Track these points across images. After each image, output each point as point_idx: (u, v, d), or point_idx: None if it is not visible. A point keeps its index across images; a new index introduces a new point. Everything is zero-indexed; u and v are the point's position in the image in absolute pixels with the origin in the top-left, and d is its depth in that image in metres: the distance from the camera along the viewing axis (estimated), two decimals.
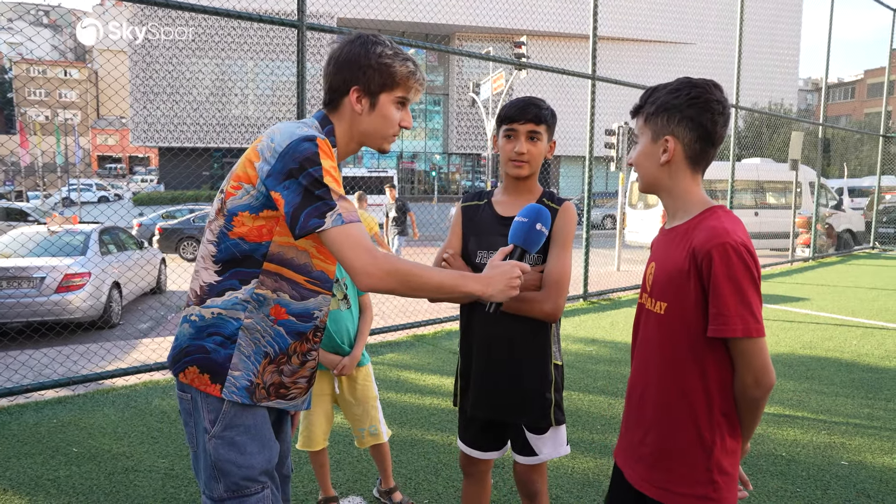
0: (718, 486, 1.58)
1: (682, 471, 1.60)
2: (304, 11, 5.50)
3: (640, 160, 1.72)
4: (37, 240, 8.74)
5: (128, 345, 6.95)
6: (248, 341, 1.74)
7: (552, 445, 2.28)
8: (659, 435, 1.65)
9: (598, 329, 7.28)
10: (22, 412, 4.55)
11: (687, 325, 1.59)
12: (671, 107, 1.64)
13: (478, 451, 2.38)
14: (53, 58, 70.43)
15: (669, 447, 1.62)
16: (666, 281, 1.66)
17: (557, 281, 2.14)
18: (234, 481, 1.73)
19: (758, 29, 37.33)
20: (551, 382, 2.25)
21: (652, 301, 1.71)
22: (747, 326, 1.49)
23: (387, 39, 1.84)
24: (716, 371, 1.58)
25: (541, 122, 2.19)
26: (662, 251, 1.72)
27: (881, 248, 17.13)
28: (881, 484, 3.51)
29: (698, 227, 1.60)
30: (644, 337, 1.76)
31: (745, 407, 1.59)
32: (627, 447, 1.76)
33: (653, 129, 1.68)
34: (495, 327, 2.21)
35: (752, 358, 1.52)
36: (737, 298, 1.49)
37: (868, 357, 6.11)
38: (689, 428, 1.60)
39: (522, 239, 1.90)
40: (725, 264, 1.49)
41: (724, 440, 1.59)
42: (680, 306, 1.60)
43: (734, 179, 11.92)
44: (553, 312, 2.14)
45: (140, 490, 3.38)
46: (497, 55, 10.33)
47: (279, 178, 1.64)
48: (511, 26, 33.48)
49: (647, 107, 1.70)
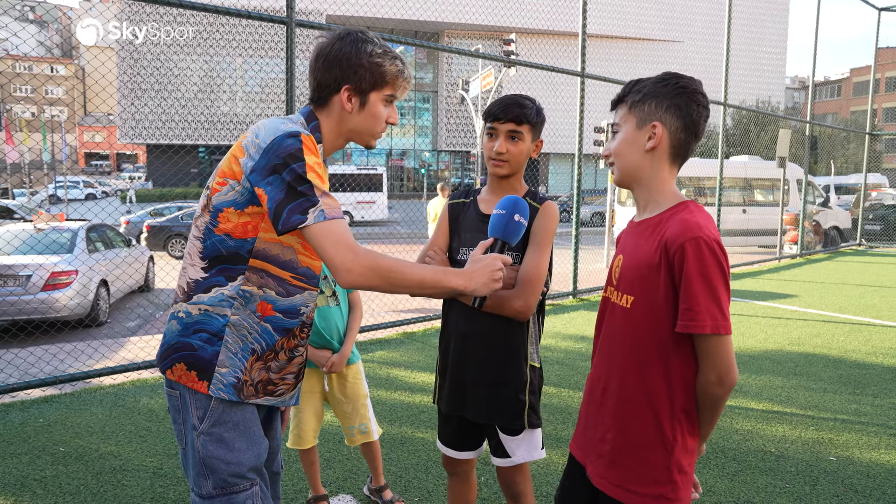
0: (676, 486, 1.57)
1: (641, 469, 1.59)
2: (294, 8, 5.47)
3: (622, 148, 1.69)
4: (23, 237, 8.65)
5: (115, 343, 6.90)
6: (234, 338, 1.73)
7: (526, 448, 2.25)
8: (619, 432, 1.63)
9: (587, 326, 7.29)
10: (8, 411, 4.51)
11: (653, 319, 1.57)
12: (660, 94, 1.64)
13: (454, 450, 2.36)
14: (39, 54, 69.73)
15: (630, 444, 1.61)
16: (634, 274, 1.64)
17: (530, 280, 2.11)
18: (223, 478, 1.72)
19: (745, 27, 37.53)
20: (526, 384, 2.21)
21: (618, 294, 1.69)
22: (716, 323, 1.48)
23: (374, 36, 1.83)
24: (679, 368, 1.56)
25: (522, 121, 2.16)
26: (631, 244, 1.71)
27: (868, 244, 17.27)
28: (868, 479, 3.54)
29: (670, 219, 1.58)
30: (608, 331, 1.74)
31: (706, 404, 1.57)
32: (587, 444, 1.74)
33: (638, 116, 1.66)
34: (470, 324, 2.20)
35: (717, 356, 1.50)
36: (707, 294, 1.47)
37: (855, 353, 6.15)
38: (650, 425, 1.58)
39: (502, 231, 1.89)
40: (698, 259, 1.48)
41: (684, 438, 1.58)
42: (647, 300, 1.59)
43: (722, 177, 11.97)
44: (523, 310, 2.10)
45: (128, 489, 3.35)
46: (486, 52, 10.31)
47: (263, 173, 1.63)
48: (500, 24, 33.52)
49: (631, 95, 1.69)
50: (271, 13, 5.67)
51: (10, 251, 8.27)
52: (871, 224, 17.91)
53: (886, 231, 17.65)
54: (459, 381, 2.25)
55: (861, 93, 51.50)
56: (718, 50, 12.36)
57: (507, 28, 30.83)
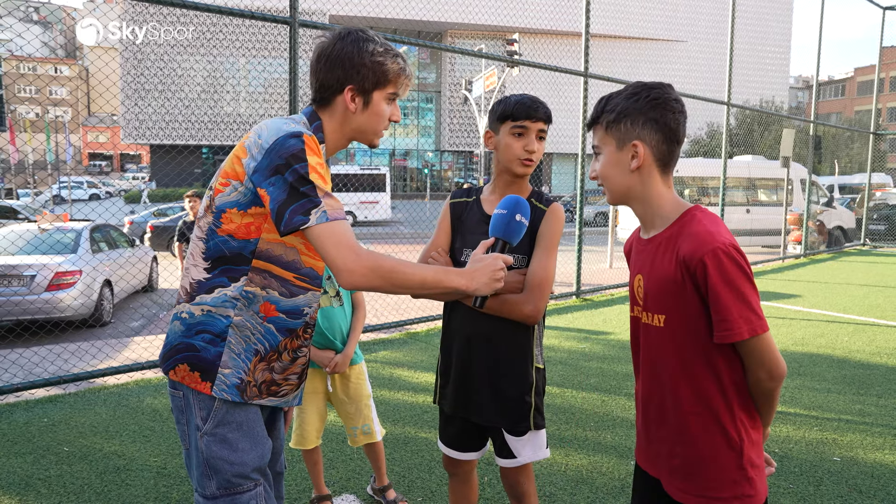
0: (753, 482, 1.59)
1: (717, 474, 1.59)
2: (297, 8, 5.48)
3: (607, 171, 1.67)
4: (27, 238, 8.68)
5: (119, 343, 6.91)
6: (238, 339, 1.73)
7: (531, 449, 2.25)
8: (687, 445, 1.63)
9: (590, 326, 7.29)
10: (12, 411, 4.52)
11: (692, 332, 1.58)
12: (633, 111, 1.61)
13: (456, 451, 2.36)
14: (43, 54, 69.89)
15: (700, 454, 1.61)
16: (659, 293, 1.63)
17: (539, 283, 2.11)
18: (227, 478, 1.72)
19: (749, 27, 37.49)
20: (532, 385, 2.22)
21: (648, 315, 1.68)
22: (752, 326, 1.49)
23: (375, 35, 1.83)
24: (728, 371, 1.57)
25: (549, 121, 2.20)
26: (647, 262, 1.69)
27: (872, 244, 17.23)
28: (873, 479, 3.53)
29: (681, 234, 1.57)
30: (647, 351, 1.73)
31: (762, 399, 1.60)
32: (655, 457, 1.73)
33: (616, 137, 1.64)
34: (476, 326, 2.19)
35: (761, 354, 1.52)
36: (737, 301, 1.48)
37: (859, 353, 6.14)
38: (714, 431, 1.59)
39: (503, 231, 1.88)
40: (719, 270, 1.48)
41: (748, 434, 1.60)
42: (681, 316, 1.59)
43: (726, 177, 11.95)
44: (533, 315, 2.11)
45: (132, 489, 3.36)
46: (489, 52, 10.31)
47: (265, 174, 1.64)
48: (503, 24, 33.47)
49: (605, 115, 1.66)
50: (275, 13, 5.68)
51: (14, 251, 8.29)
52: (876, 224, 17.87)
53: (891, 231, 17.61)
54: (464, 383, 2.24)
55: (865, 92, 51.40)
56: (722, 49, 12.34)
57: (510, 28, 30.80)
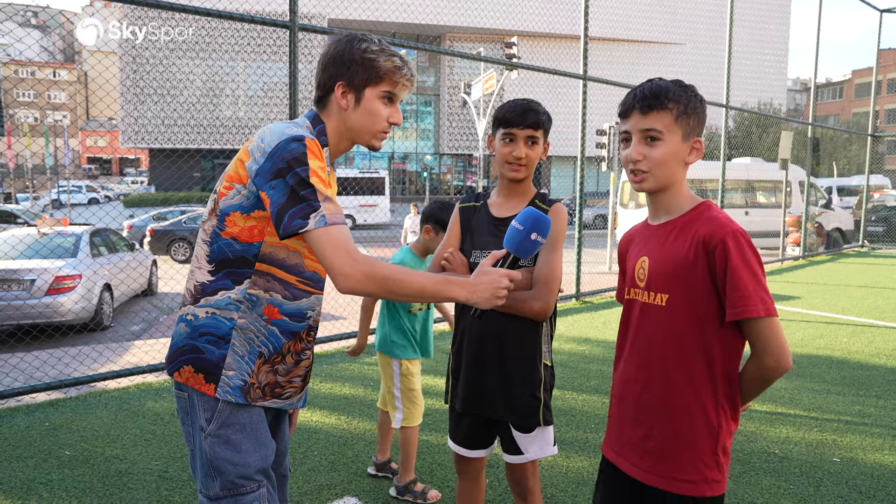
0: (722, 468, 1.65)
1: (691, 457, 1.64)
2: (296, 12, 5.50)
3: (667, 159, 1.66)
4: (27, 242, 8.68)
5: (120, 347, 6.91)
6: (241, 341, 1.74)
7: (539, 445, 2.29)
8: (666, 426, 1.67)
9: (590, 328, 7.30)
10: (13, 415, 4.52)
11: (693, 313, 1.63)
12: (699, 108, 1.69)
13: (466, 449, 2.39)
14: (42, 59, 69.90)
15: (678, 436, 1.65)
16: (666, 272, 1.68)
17: (547, 280, 2.15)
18: (230, 479, 1.73)
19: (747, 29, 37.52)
20: (541, 382, 2.26)
21: (649, 294, 1.72)
22: (767, 307, 1.54)
23: (376, 38, 1.85)
24: (722, 358, 1.62)
25: (539, 127, 2.22)
26: (656, 244, 1.74)
27: (870, 246, 17.25)
28: (872, 480, 3.54)
29: (699, 219, 1.65)
30: (641, 332, 1.76)
31: (756, 385, 1.65)
32: (627, 444, 1.76)
33: (684, 129, 1.67)
34: (486, 325, 2.22)
35: (771, 338, 1.56)
36: (755, 281, 1.55)
37: (858, 354, 6.15)
38: (696, 415, 1.63)
39: (515, 246, 1.85)
40: (739, 250, 1.56)
41: (728, 423, 1.65)
42: (685, 296, 1.64)
43: (725, 179, 11.97)
44: (542, 311, 2.15)
45: (134, 493, 3.36)
46: (488, 56, 10.33)
47: (267, 177, 1.65)
48: (502, 27, 33.55)
49: (676, 105, 1.64)
50: (274, 17, 5.70)
51: (14, 255, 8.29)
52: (874, 226, 17.90)
53: (889, 232, 17.63)
54: (475, 380, 2.27)
55: (863, 94, 51.44)
56: (720, 52, 12.37)
57: (508, 31, 30.86)
